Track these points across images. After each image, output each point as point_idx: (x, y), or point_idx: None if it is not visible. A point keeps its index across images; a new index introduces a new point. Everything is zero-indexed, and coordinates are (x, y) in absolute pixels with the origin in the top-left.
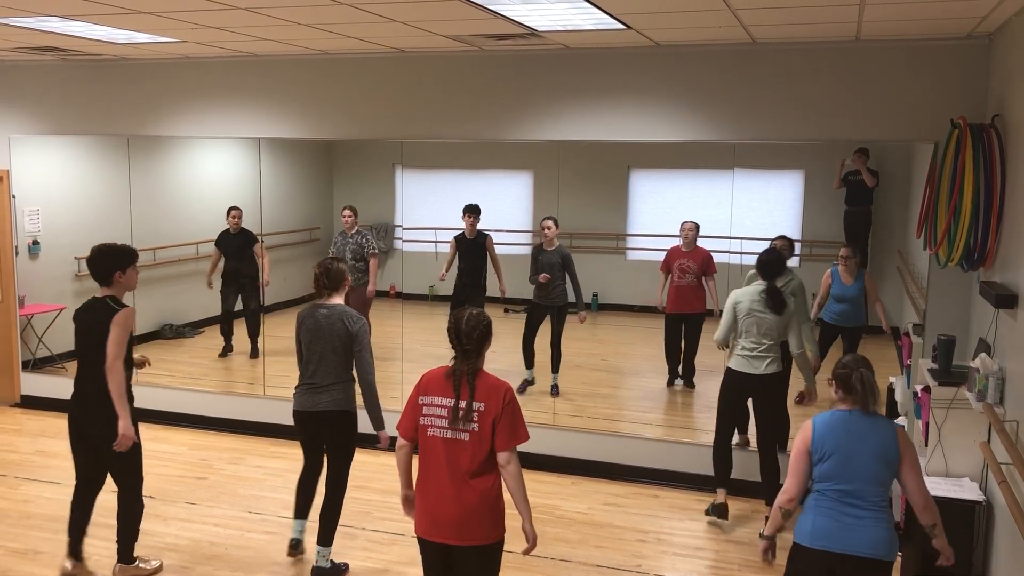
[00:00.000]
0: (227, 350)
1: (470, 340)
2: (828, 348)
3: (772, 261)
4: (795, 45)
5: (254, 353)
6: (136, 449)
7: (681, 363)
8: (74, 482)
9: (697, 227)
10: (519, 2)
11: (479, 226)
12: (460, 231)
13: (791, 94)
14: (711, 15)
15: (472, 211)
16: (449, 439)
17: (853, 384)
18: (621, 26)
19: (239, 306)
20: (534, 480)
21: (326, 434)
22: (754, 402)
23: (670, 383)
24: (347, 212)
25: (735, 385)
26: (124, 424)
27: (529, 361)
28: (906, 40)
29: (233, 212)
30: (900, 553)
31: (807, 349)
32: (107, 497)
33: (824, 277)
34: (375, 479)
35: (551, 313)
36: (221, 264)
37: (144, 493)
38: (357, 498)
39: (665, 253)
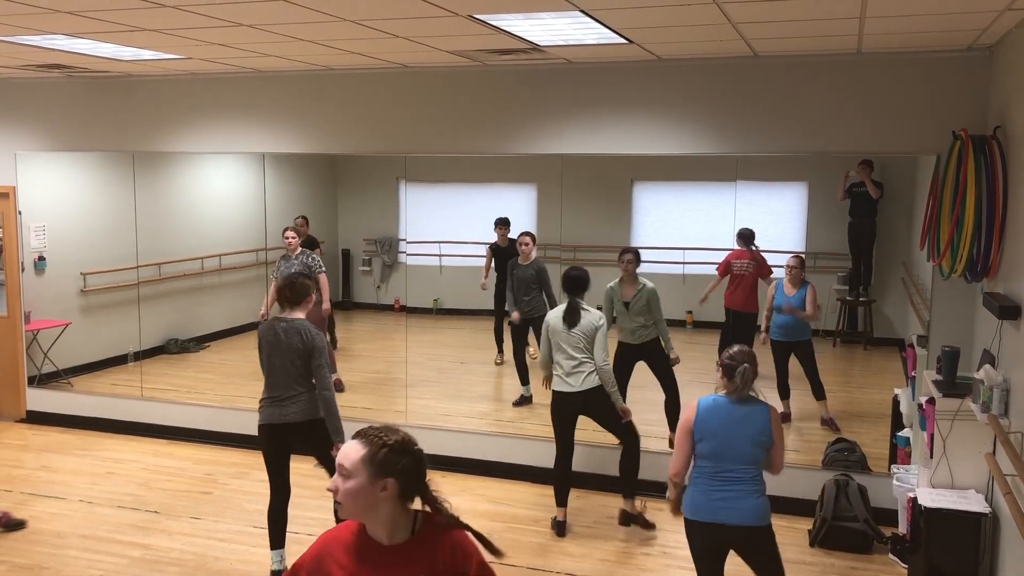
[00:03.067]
0: None
1: (410, 477)
2: (785, 367)
3: (571, 278)
4: (797, 58)
5: None
6: None
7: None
8: (79, 500)
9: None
10: (521, 17)
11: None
12: (493, 241)
13: (793, 107)
14: (713, 29)
15: (502, 223)
16: None
17: (735, 378)
18: (623, 40)
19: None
20: (537, 493)
21: (299, 445)
22: (587, 416)
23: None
24: (289, 233)
25: (558, 406)
26: None
27: (524, 377)
28: (907, 52)
29: (298, 220)
30: (906, 566)
31: (665, 347)
32: (114, 512)
33: (768, 290)
34: None
35: (532, 326)
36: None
37: (149, 508)
38: None
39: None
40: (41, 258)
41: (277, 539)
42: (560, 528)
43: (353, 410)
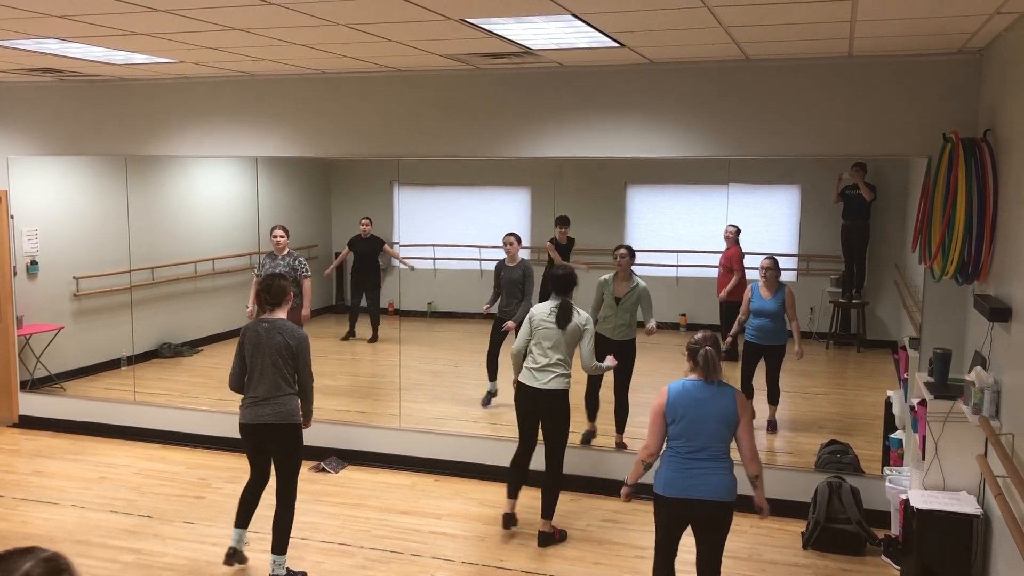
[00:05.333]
0: (350, 335)
1: None
2: (753, 370)
3: (559, 277)
4: (788, 61)
5: (374, 338)
6: None
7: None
8: (71, 504)
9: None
10: (513, 21)
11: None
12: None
13: (784, 110)
14: (704, 32)
15: (561, 222)
16: None
17: (698, 360)
18: (615, 44)
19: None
20: (531, 497)
21: (271, 446)
22: (540, 418)
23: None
24: (278, 232)
25: (522, 398)
26: None
27: (492, 373)
28: (898, 56)
29: (364, 221)
30: (899, 567)
31: (648, 321)
32: (106, 517)
33: (744, 292)
34: (371, 497)
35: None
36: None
37: (142, 512)
38: (355, 516)
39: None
40: (33, 262)
41: (243, 518)
42: (508, 520)
43: (348, 414)
